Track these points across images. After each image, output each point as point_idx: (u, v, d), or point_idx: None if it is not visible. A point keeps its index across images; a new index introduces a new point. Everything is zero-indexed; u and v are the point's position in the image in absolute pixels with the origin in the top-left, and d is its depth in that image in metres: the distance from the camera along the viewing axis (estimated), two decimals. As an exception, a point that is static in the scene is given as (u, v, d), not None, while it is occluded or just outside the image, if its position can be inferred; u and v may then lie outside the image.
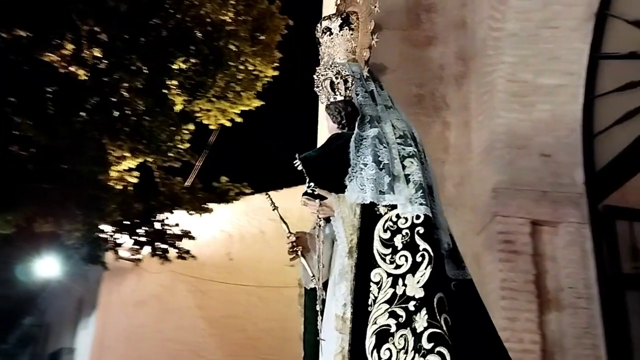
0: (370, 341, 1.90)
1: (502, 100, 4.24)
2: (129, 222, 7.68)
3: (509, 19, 4.14)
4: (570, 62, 4.19)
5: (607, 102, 4.04)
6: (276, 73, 8.41)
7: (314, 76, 2.44)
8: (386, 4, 5.00)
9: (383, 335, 1.89)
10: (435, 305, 1.87)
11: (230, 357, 9.96)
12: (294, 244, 2.28)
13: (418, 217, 1.98)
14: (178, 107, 7.57)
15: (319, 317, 2.19)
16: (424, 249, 1.93)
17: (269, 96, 8.52)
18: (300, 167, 2.20)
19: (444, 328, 1.85)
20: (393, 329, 1.88)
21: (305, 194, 2.21)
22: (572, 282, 3.83)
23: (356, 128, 2.18)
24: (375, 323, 1.91)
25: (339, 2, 2.53)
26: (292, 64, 9.24)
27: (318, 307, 2.17)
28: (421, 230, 1.96)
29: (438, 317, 1.85)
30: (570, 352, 3.70)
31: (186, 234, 7.98)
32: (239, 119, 8.36)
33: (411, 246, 1.94)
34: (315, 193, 2.17)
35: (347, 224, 2.06)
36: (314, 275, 2.18)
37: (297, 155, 2.22)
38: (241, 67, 7.78)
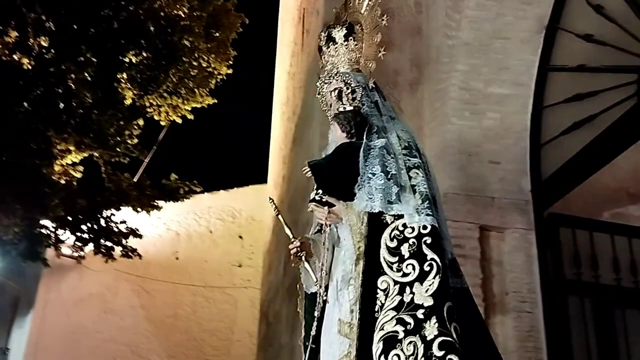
0: (377, 347, 1.94)
1: (454, 108, 4.32)
2: (72, 218, 7.42)
3: (463, 28, 4.23)
4: (520, 72, 4.32)
5: (554, 112, 4.18)
6: (230, 71, 8.32)
7: (317, 83, 2.46)
8: (343, 7, 5.05)
9: (391, 341, 1.93)
10: (445, 314, 1.91)
11: (172, 358, 9.78)
12: (299, 249, 2.26)
13: (425, 227, 2.03)
14: (128, 102, 7.37)
15: (314, 323, 2.22)
16: (432, 259, 1.98)
17: (222, 94, 8.43)
18: (309, 174, 2.25)
19: (454, 336, 1.89)
20: (401, 335, 1.92)
21: (313, 200, 2.24)
22: (517, 287, 3.93)
23: (364, 138, 2.22)
24: (382, 329, 1.95)
25: (340, 11, 2.57)
26: (246, 62, 9.17)
27: (316, 313, 2.21)
28: (429, 240, 2.01)
29: (448, 325, 1.90)
30: (514, 354, 3.80)
31: (132, 232, 7.77)
32: (190, 116, 8.22)
33: (418, 255, 1.99)
34: (324, 200, 2.20)
35: (354, 231, 2.11)
36: (317, 280, 2.21)
37: (306, 162, 2.28)
38: (195, 63, 7.63)
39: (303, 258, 2.25)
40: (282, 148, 7.02)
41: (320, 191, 2.21)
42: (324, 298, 2.18)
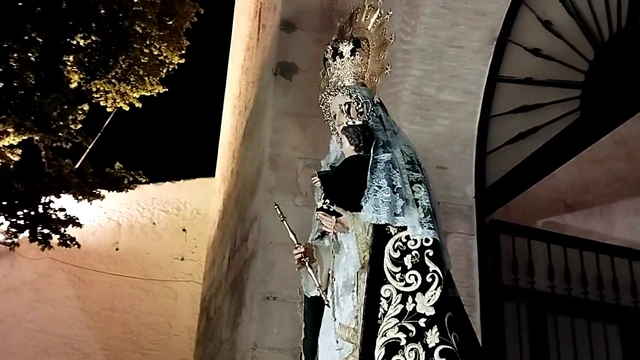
0: (379, 352, 2.05)
1: (406, 112, 4.38)
2: (7, 203, 7.11)
3: (419, 34, 4.29)
4: (471, 81, 4.42)
5: (501, 122, 4.30)
6: (182, 61, 8.17)
7: (322, 94, 2.57)
8: (300, 4, 5.04)
9: (393, 347, 2.05)
10: (446, 324, 2.05)
11: (107, 351, 9.53)
12: (302, 254, 2.38)
13: (427, 240, 2.16)
14: (73, 85, 7.12)
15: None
16: (434, 271, 2.10)
17: (173, 83, 8.26)
18: (318, 184, 2.39)
19: (454, 345, 2.01)
20: (403, 342, 2.04)
21: (321, 209, 2.37)
22: (457, 290, 4.01)
23: (372, 152, 2.34)
24: (385, 335, 2.07)
25: (344, 25, 2.67)
26: (200, 53, 9.03)
27: (332, 318, 2.29)
28: (431, 252, 2.14)
29: (449, 334, 2.03)
30: (451, 356, 3.89)
31: (72, 220, 7.51)
32: (139, 104, 8.02)
33: (421, 267, 2.12)
34: (331, 210, 2.33)
35: (360, 241, 2.24)
36: (320, 286, 2.32)
37: (316, 172, 2.44)
38: (146, 50, 7.45)
39: (306, 263, 2.36)
40: (232, 142, 6.95)
41: (327, 201, 2.34)
42: (327, 302, 2.28)
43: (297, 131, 4.65)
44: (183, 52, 8.09)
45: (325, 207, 2.35)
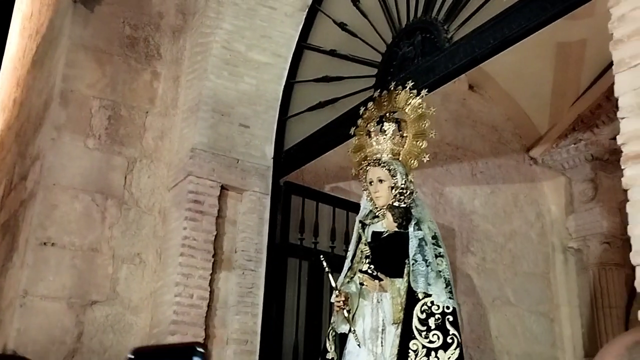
0: None
1: (214, 65, 4.33)
2: None
3: (234, -13, 4.24)
4: (280, 44, 4.51)
5: (304, 88, 4.46)
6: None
7: (363, 162, 3.15)
8: None
9: None
10: None
11: None
12: (344, 302, 2.84)
13: (448, 307, 2.72)
14: None
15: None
16: (453, 334, 2.67)
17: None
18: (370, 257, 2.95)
19: None
20: None
21: (366, 272, 2.92)
22: (246, 246, 4.16)
23: (410, 229, 2.87)
24: None
25: (383, 99, 3.23)
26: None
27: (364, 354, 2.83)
28: (451, 318, 2.70)
29: None
30: (233, 308, 4.04)
31: None
32: None
33: (442, 329, 2.67)
34: (375, 274, 2.90)
35: (395, 301, 2.80)
36: (354, 331, 2.83)
37: (367, 243, 3.00)
38: None
39: (345, 310, 2.84)
40: (17, 68, 6.20)
41: (373, 266, 2.91)
42: (359, 343, 2.80)
43: (94, 67, 4.32)
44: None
45: (370, 271, 2.91)
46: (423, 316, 2.68)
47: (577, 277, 6.00)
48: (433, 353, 2.62)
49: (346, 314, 2.83)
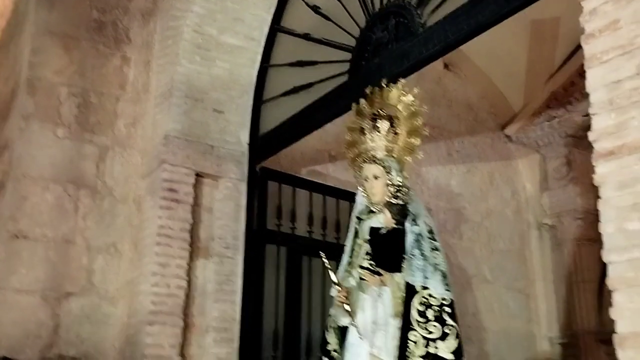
0: None
1: (185, 49, 4.24)
2: None
3: (204, -32, 4.13)
4: (253, 27, 4.42)
5: (279, 73, 4.39)
6: None
7: (357, 158, 3.12)
8: None
9: None
10: None
11: None
12: (345, 297, 2.91)
13: (445, 299, 2.78)
14: None
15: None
16: (451, 325, 2.74)
17: None
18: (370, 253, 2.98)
19: None
20: None
21: (367, 268, 2.96)
22: (223, 233, 4.13)
23: (407, 224, 2.93)
24: None
25: (374, 94, 3.15)
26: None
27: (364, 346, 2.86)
28: (448, 310, 2.76)
29: None
30: (211, 296, 4.02)
31: None
32: None
33: (440, 320, 2.73)
34: (375, 269, 2.93)
35: (394, 295, 2.85)
36: (355, 325, 2.88)
37: (367, 239, 3.01)
38: None
39: (347, 305, 2.90)
40: (-19, 52, 6.01)
41: (373, 262, 2.95)
42: (360, 336, 2.85)
43: (61, 54, 4.20)
44: None
45: (370, 267, 2.95)
46: (422, 308, 2.75)
47: (552, 253, 6.10)
48: (432, 343, 2.71)
49: (347, 308, 2.90)
